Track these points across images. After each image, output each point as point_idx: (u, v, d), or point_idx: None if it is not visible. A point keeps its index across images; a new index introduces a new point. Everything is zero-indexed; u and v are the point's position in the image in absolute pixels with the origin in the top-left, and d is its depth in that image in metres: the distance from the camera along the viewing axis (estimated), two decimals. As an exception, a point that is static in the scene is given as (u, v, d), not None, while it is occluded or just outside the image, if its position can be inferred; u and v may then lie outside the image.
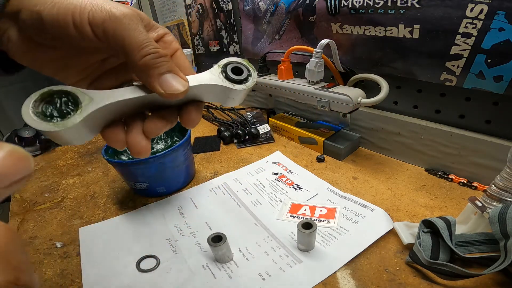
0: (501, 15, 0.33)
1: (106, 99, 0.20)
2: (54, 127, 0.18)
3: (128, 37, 0.19)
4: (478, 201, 0.32)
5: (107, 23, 0.19)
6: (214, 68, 0.23)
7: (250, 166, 0.54)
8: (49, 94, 0.19)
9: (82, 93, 0.19)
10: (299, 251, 0.34)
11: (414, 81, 0.46)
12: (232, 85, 0.23)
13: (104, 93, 0.20)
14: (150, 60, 0.20)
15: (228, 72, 0.23)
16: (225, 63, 0.23)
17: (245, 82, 0.23)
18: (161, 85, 0.20)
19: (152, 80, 0.20)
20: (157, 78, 0.20)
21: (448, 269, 0.27)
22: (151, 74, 0.20)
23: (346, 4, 0.46)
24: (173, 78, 0.20)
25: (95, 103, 0.19)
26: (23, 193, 0.55)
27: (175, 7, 1.06)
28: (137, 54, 0.20)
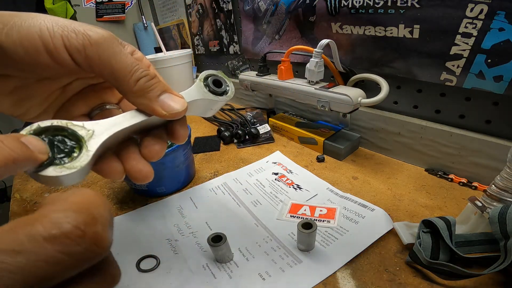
0: (501, 15, 0.33)
1: (110, 129, 0.18)
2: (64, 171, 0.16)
3: (116, 62, 0.18)
4: (478, 201, 0.32)
5: (89, 49, 0.17)
6: (197, 83, 0.23)
7: (250, 166, 0.54)
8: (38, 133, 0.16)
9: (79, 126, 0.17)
10: (299, 251, 0.34)
11: (414, 81, 0.46)
12: (217, 98, 0.24)
13: (104, 123, 0.18)
14: (145, 83, 0.19)
15: (211, 86, 0.24)
16: (205, 77, 0.24)
17: (226, 93, 0.24)
18: (162, 107, 0.20)
19: (152, 104, 0.19)
20: (156, 100, 0.20)
21: (448, 269, 0.27)
22: (150, 97, 0.19)
23: (346, 4, 0.46)
24: (170, 99, 0.20)
25: (99, 135, 0.18)
26: (23, 193, 0.55)
27: (175, 7, 1.06)
28: (130, 80, 0.19)
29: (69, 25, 0.17)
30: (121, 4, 1.16)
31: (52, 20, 0.17)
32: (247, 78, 0.66)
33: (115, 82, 0.19)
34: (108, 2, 1.13)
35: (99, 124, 0.18)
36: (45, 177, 0.15)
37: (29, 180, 0.60)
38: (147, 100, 0.19)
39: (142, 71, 0.19)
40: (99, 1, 1.11)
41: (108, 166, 0.20)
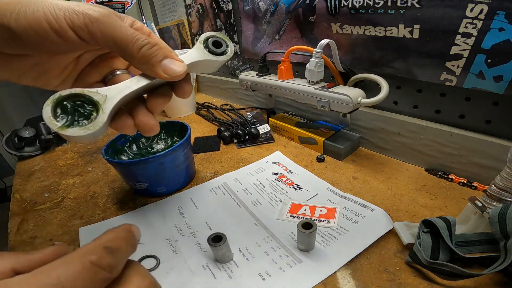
0: (501, 15, 0.33)
1: (119, 93, 0.22)
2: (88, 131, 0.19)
3: (118, 35, 0.20)
4: (478, 201, 0.32)
5: (91, 26, 0.20)
6: (197, 45, 0.25)
7: (250, 166, 0.54)
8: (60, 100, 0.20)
9: (95, 93, 0.21)
10: (299, 251, 0.34)
11: (414, 81, 0.46)
12: (216, 58, 0.26)
13: (115, 88, 0.22)
14: (147, 51, 0.21)
15: (210, 47, 0.26)
16: (205, 39, 0.26)
17: (226, 53, 0.26)
18: (164, 71, 0.22)
19: (155, 68, 0.22)
20: (158, 65, 0.22)
21: (448, 269, 0.27)
22: (152, 63, 0.22)
23: (346, 4, 0.46)
24: (171, 63, 0.22)
25: (111, 99, 0.21)
26: (23, 193, 0.55)
27: (175, 7, 1.06)
28: (132, 48, 0.21)
29: (69, 7, 0.19)
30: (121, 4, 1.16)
31: (53, 4, 0.19)
32: (247, 78, 0.66)
33: (120, 52, 0.21)
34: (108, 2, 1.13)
35: (110, 90, 0.21)
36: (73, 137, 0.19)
37: (29, 180, 0.60)
38: (150, 66, 0.22)
39: (143, 39, 0.21)
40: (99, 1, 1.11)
41: (121, 122, 0.24)
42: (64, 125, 0.19)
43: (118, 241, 0.17)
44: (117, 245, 0.16)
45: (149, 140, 0.55)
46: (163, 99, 0.25)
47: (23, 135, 0.69)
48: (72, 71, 0.26)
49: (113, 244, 0.16)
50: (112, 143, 0.49)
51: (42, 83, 0.25)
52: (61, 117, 0.20)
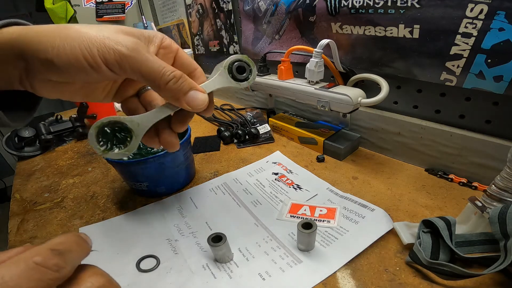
0: (501, 15, 0.33)
1: (150, 121, 0.25)
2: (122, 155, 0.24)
3: (145, 70, 0.22)
4: (478, 201, 0.32)
5: (121, 62, 0.22)
6: (222, 71, 0.27)
7: (250, 166, 0.54)
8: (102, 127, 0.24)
9: (130, 121, 0.24)
10: (299, 251, 0.34)
11: (414, 81, 0.46)
12: (238, 84, 0.27)
13: (145, 117, 0.25)
14: (173, 85, 0.23)
15: (235, 73, 0.27)
16: (230, 63, 0.27)
17: (248, 79, 0.28)
18: (188, 103, 0.24)
19: (180, 101, 0.24)
20: (183, 98, 0.24)
21: (448, 269, 0.27)
22: (177, 96, 0.24)
23: (346, 4, 0.46)
24: (195, 95, 0.24)
25: (142, 127, 0.25)
26: (23, 193, 0.55)
27: (175, 7, 1.06)
28: (159, 83, 0.23)
29: (101, 41, 0.21)
30: (121, 4, 1.16)
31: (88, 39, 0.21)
32: (247, 78, 0.66)
33: (148, 84, 0.24)
34: (108, 2, 1.13)
35: (142, 118, 0.25)
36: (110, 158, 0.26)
37: (29, 180, 0.60)
38: (175, 98, 0.24)
39: (169, 73, 0.23)
40: (99, 1, 1.11)
41: (149, 139, 0.27)
42: (105, 150, 0.24)
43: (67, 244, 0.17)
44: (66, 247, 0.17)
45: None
46: (186, 120, 0.28)
47: (23, 135, 0.69)
48: (112, 88, 0.29)
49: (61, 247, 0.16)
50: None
51: (90, 99, 0.28)
52: (103, 142, 0.24)
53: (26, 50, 0.21)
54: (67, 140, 0.78)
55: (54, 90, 0.25)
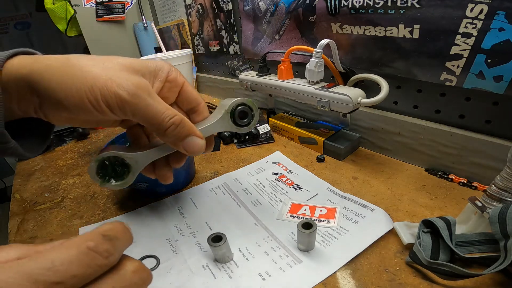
0: (501, 15, 0.33)
1: (148, 159, 0.26)
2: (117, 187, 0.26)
3: (145, 115, 0.23)
4: (478, 201, 0.32)
5: (123, 107, 0.22)
6: (224, 115, 0.27)
7: (250, 166, 0.54)
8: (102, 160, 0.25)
9: (129, 158, 0.25)
10: (299, 251, 0.34)
11: (414, 81, 0.46)
12: (238, 129, 0.28)
13: (145, 155, 0.26)
14: (172, 132, 0.24)
15: (236, 119, 0.27)
16: (233, 107, 0.27)
17: (248, 124, 0.28)
18: (185, 148, 0.25)
19: (178, 146, 0.25)
20: (180, 143, 0.25)
21: (448, 269, 0.27)
22: (175, 142, 0.25)
23: (346, 4, 0.46)
24: (193, 141, 0.25)
25: (141, 164, 0.26)
26: (23, 193, 0.55)
27: (175, 7, 1.06)
28: (159, 128, 0.24)
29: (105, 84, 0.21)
30: (121, 4, 1.16)
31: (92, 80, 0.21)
32: (247, 78, 0.66)
33: (149, 128, 0.24)
34: (108, 2, 1.13)
35: (141, 156, 0.26)
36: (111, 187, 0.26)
37: (29, 180, 0.60)
38: (173, 143, 0.25)
39: (168, 120, 0.23)
40: (99, 1, 1.11)
41: (145, 171, 0.28)
42: (103, 182, 0.25)
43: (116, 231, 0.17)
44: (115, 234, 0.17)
45: (149, 140, 0.55)
46: (183, 159, 0.29)
47: (23, 135, 0.69)
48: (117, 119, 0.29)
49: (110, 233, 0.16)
50: (112, 143, 0.49)
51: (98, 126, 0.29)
52: (101, 174, 0.25)
53: (39, 88, 0.21)
54: (67, 140, 0.78)
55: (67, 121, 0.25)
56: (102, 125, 0.29)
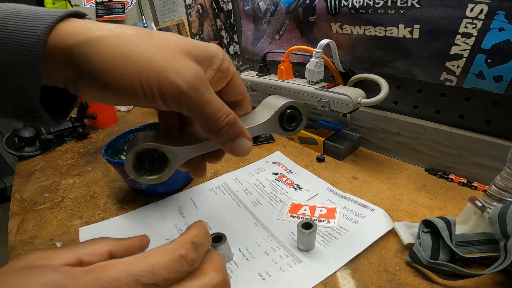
0: (501, 15, 0.33)
1: (188, 155, 0.24)
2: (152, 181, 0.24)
3: (201, 112, 0.21)
4: (478, 201, 0.32)
5: (179, 100, 0.20)
6: (273, 116, 0.25)
7: (250, 166, 0.54)
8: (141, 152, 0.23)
9: (169, 151, 0.23)
10: (299, 251, 0.34)
11: (414, 81, 0.46)
12: (284, 133, 0.26)
13: (186, 150, 0.24)
14: (224, 132, 0.22)
15: (284, 123, 0.26)
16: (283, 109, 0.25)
17: (295, 129, 0.26)
18: (231, 149, 0.23)
19: (225, 147, 0.24)
20: (229, 144, 0.23)
21: (448, 269, 0.27)
22: (224, 142, 0.23)
23: (346, 4, 0.46)
24: (242, 143, 0.24)
25: (180, 159, 0.24)
26: (23, 193, 0.55)
27: (175, 7, 1.06)
28: (213, 127, 0.22)
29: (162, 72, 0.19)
30: (121, 4, 1.16)
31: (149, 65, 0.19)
32: (247, 78, 0.66)
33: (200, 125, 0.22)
34: (108, 2, 1.13)
35: (181, 151, 0.24)
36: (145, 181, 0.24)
37: (29, 180, 0.60)
38: (223, 144, 0.23)
39: (223, 119, 0.22)
40: (99, 1, 1.11)
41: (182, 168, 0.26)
42: (138, 175, 0.24)
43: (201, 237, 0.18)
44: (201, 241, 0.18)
45: (149, 140, 0.55)
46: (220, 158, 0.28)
47: (23, 135, 0.69)
48: None
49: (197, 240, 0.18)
50: (112, 143, 0.49)
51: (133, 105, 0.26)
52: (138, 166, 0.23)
53: (82, 64, 0.18)
54: (67, 140, 0.78)
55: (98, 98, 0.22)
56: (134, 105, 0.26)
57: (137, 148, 0.22)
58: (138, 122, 0.87)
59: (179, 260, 0.17)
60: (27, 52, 0.17)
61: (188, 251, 0.17)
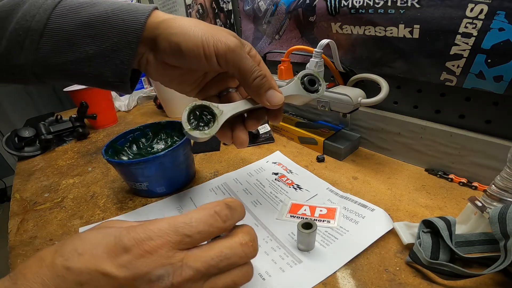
0: (501, 15, 0.33)
1: (232, 111, 0.29)
2: (205, 135, 0.27)
3: (243, 64, 0.27)
4: (478, 201, 0.32)
5: (228, 54, 0.26)
6: (295, 81, 0.31)
7: (250, 166, 0.54)
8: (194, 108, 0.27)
9: (216, 107, 0.28)
10: (299, 251, 0.34)
11: (414, 81, 0.46)
12: (309, 95, 0.31)
13: (229, 106, 0.29)
14: (259, 81, 0.28)
15: (306, 84, 0.31)
16: (302, 76, 0.31)
17: (317, 91, 0.32)
18: (268, 100, 0.29)
19: (261, 97, 0.29)
20: (264, 94, 0.29)
21: (448, 269, 0.27)
22: (260, 92, 0.28)
23: (346, 4, 0.46)
24: (274, 94, 0.29)
25: (225, 114, 0.28)
26: (23, 193, 0.55)
27: (175, 7, 1.06)
28: (249, 78, 0.28)
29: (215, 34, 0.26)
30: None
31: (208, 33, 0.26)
32: (247, 78, 0.66)
33: (239, 78, 0.28)
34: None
35: (226, 107, 0.28)
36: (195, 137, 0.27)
37: (29, 180, 0.60)
38: (257, 94, 0.29)
39: (257, 72, 0.28)
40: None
41: (223, 133, 0.31)
42: (191, 128, 0.27)
43: (235, 203, 0.22)
44: (234, 204, 0.22)
45: (149, 140, 0.55)
46: (259, 120, 0.32)
47: (23, 135, 0.69)
48: (200, 84, 0.33)
49: (231, 203, 0.21)
50: (112, 143, 0.49)
51: (180, 89, 0.33)
52: (191, 121, 0.27)
53: (162, 33, 0.26)
54: (67, 140, 0.78)
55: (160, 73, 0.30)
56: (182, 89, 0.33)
57: (191, 104, 0.27)
58: (138, 122, 0.87)
59: (213, 215, 0.20)
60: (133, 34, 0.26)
61: (222, 208, 0.20)
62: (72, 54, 0.26)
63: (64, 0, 0.26)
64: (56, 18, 0.25)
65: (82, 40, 0.26)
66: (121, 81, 0.28)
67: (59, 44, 0.25)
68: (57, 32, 0.25)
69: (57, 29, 0.25)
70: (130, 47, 0.26)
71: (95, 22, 0.25)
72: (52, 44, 0.25)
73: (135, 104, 1.03)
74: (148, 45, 0.27)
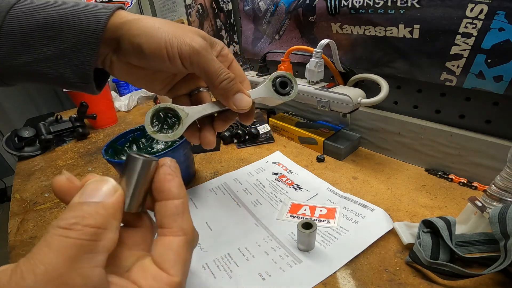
0: (501, 15, 0.33)
1: (198, 113, 0.28)
2: (169, 138, 0.27)
3: (208, 67, 0.26)
4: (478, 201, 0.32)
5: (192, 56, 0.26)
6: (266, 83, 0.30)
7: (250, 166, 0.54)
8: (158, 111, 0.27)
9: (181, 110, 0.27)
10: (299, 251, 0.34)
11: (414, 81, 0.46)
12: (280, 97, 0.30)
13: (195, 109, 0.28)
14: (226, 84, 0.27)
15: (277, 86, 0.30)
16: (274, 78, 0.30)
17: (289, 94, 0.30)
18: (235, 104, 0.28)
19: (228, 100, 0.28)
20: (231, 98, 0.28)
21: (448, 269, 0.27)
22: (227, 95, 0.28)
23: (346, 4, 0.46)
24: (241, 97, 0.28)
25: (191, 117, 0.27)
26: (23, 193, 0.55)
27: (175, 7, 1.06)
28: (215, 80, 0.27)
29: (180, 35, 0.26)
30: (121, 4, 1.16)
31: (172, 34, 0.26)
32: (247, 78, 0.66)
33: (206, 80, 0.28)
34: (108, 2, 1.13)
35: (192, 109, 0.28)
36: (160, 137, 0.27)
37: (29, 180, 0.60)
38: (224, 97, 0.28)
39: (224, 75, 0.27)
40: (99, 1, 1.11)
41: (191, 133, 0.30)
42: (155, 130, 0.27)
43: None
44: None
45: (149, 140, 0.55)
46: (227, 122, 0.31)
47: (23, 135, 0.69)
48: (169, 83, 0.33)
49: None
50: (112, 143, 0.49)
51: (149, 88, 0.32)
52: (155, 123, 0.27)
53: (125, 34, 0.26)
54: (67, 140, 0.78)
55: (126, 73, 0.29)
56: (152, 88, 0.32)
57: (155, 106, 0.26)
58: (138, 122, 0.87)
59: None
60: (93, 35, 0.25)
61: None
62: (29, 55, 0.26)
63: (21, 2, 0.26)
64: (11, 20, 0.25)
65: (39, 41, 0.25)
66: (83, 82, 0.27)
67: (15, 45, 0.25)
68: (13, 34, 0.25)
69: (13, 31, 0.25)
70: (90, 48, 0.26)
71: (53, 23, 0.25)
72: (8, 45, 0.25)
73: (135, 104, 1.04)
74: (110, 46, 0.27)
